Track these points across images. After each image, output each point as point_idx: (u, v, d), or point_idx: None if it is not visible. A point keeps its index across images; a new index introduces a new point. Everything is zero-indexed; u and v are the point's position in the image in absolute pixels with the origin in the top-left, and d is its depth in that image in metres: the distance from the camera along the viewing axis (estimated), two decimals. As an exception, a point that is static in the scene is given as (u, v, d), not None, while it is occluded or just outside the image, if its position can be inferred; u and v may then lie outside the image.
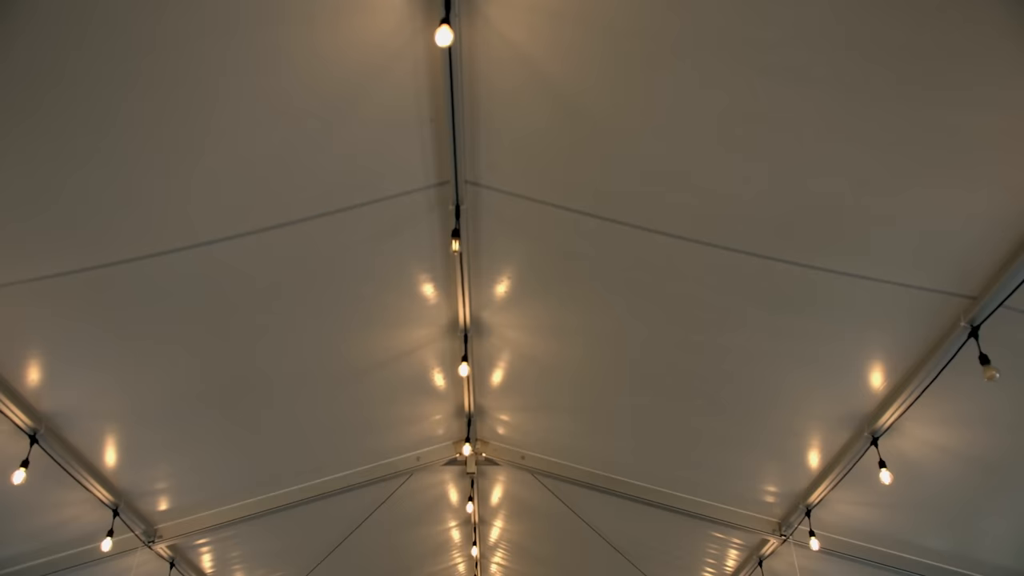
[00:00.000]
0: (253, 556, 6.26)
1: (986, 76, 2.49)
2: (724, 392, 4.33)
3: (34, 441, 3.93)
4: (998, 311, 3.21)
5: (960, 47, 2.43)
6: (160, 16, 2.49)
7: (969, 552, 5.01)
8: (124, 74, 2.62)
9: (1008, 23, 2.31)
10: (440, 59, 2.86)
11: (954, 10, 2.33)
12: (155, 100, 2.73)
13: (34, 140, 2.73)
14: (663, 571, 6.82)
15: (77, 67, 2.55)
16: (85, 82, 2.59)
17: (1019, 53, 2.39)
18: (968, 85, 2.53)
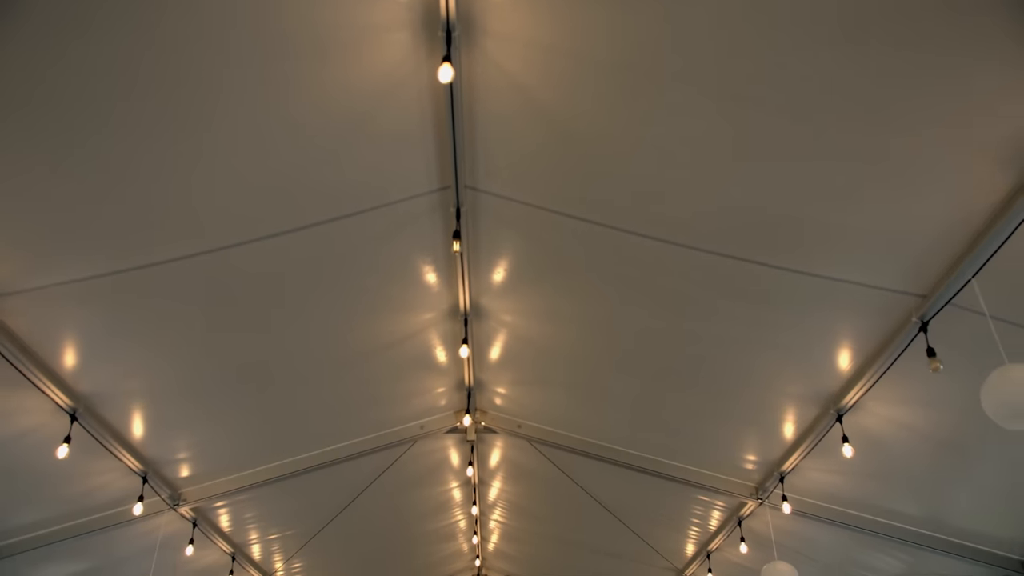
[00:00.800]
0: (267, 516, 6.77)
1: (926, 99, 2.84)
2: (703, 372, 4.76)
3: (74, 419, 4.36)
4: (945, 308, 3.60)
5: (898, 77, 2.77)
6: (186, 53, 2.82)
7: (938, 516, 5.49)
8: (155, 106, 2.96)
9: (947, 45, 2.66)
10: (442, 87, 3.20)
11: (896, 52, 2.67)
12: (187, 135, 3.08)
13: (71, 156, 3.07)
14: (652, 529, 7.36)
15: (106, 83, 2.89)
16: (113, 102, 2.94)
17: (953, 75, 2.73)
18: (909, 111, 2.87)
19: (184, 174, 3.30)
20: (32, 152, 2.98)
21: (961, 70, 2.68)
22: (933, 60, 2.67)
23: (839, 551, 6.32)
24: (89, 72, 2.76)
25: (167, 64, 2.83)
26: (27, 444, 4.53)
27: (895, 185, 3.20)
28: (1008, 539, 5.47)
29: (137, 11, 2.63)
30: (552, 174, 3.61)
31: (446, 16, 2.95)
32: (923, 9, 2.52)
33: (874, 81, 2.80)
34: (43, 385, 4.09)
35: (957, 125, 2.88)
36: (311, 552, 7.71)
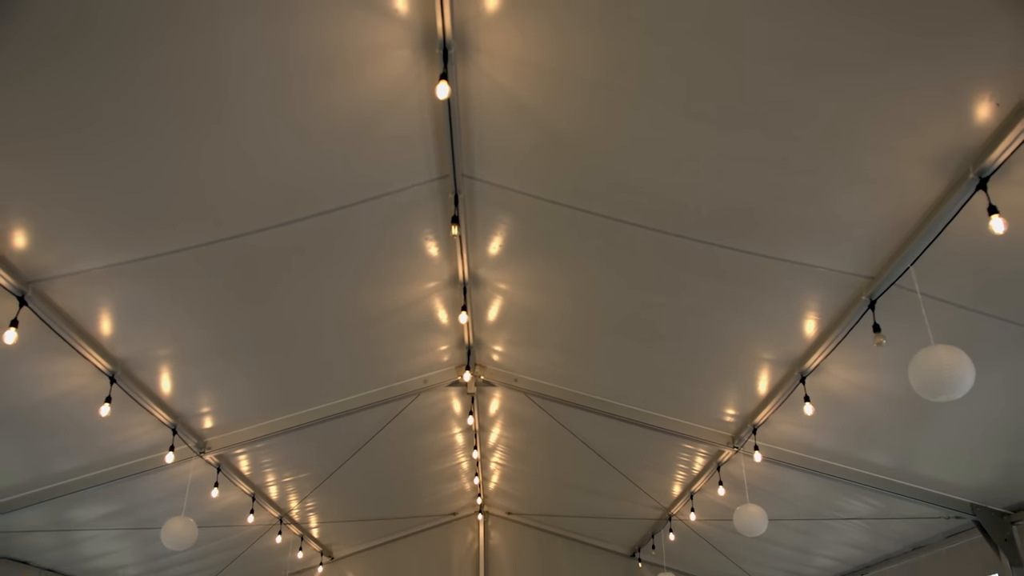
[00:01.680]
0: (283, 462, 7.40)
1: (871, 121, 3.25)
2: (681, 338, 5.27)
3: (113, 380, 4.90)
4: (891, 289, 4.07)
5: (849, 101, 3.18)
6: (209, 79, 3.23)
7: (903, 466, 6.06)
8: (175, 116, 3.39)
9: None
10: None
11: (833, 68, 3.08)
12: (208, 140, 3.51)
13: (106, 159, 3.51)
14: (641, 473, 7.99)
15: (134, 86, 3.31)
16: (146, 108, 3.37)
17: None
18: (858, 129, 3.28)
19: (204, 173, 3.72)
20: (73, 157, 3.41)
21: (897, 97, 3.08)
22: (874, 90, 3.07)
23: (814, 495, 6.94)
24: (109, 78, 3.18)
25: (180, 70, 3.24)
26: (71, 402, 5.09)
27: (847, 186, 3.62)
28: (960, 485, 6.06)
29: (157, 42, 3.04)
30: (542, 169, 4.05)
31: (443, 36, 3.34)
32: (867, 49, 2.91)
33: (828, 103, 3.20)
34: (85, 352, 4.61)
35: (898, 142, 3.29)
36: (323, 492, 8.39)
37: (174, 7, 2.88)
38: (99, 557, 7.93)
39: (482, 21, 3.30)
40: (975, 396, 4.75)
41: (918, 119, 3.17)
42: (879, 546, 7.76)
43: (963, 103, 3.06)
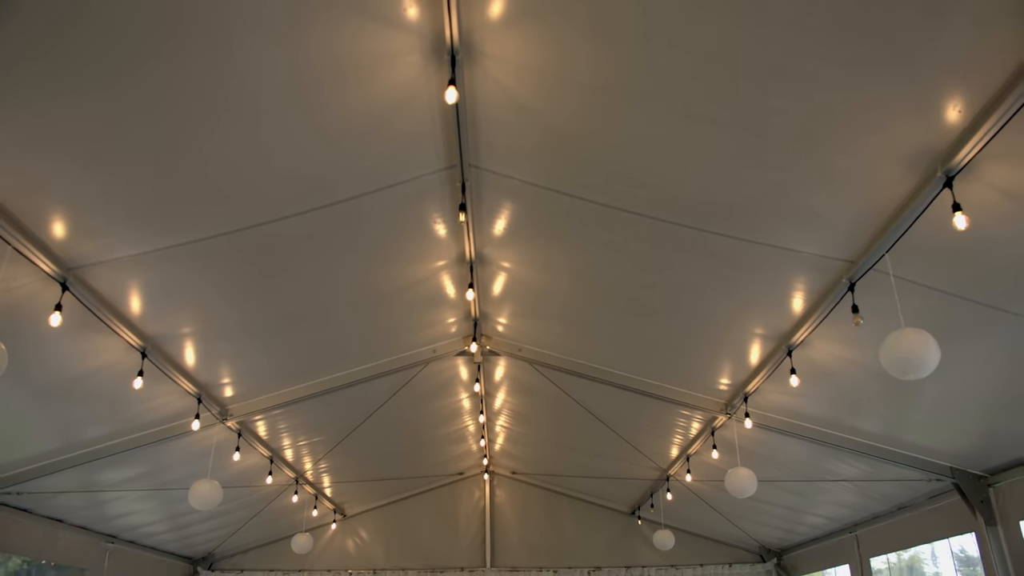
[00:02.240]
0: (299, 427, 7.83)
1: (850, 124, 3.54)
2: (675, 314, 5.63)
3: (144, 355, 5.28)
4: (869, 273, 4.39)
5: (828, 107, 3.47)
6: (233, 85, 3.53)
7: (892, 433, 6.45)
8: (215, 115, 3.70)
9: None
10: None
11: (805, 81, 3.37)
12: (236, 138, 3.82)
13: (141, 154, 3.82)
14: (640, 437, 8.41)
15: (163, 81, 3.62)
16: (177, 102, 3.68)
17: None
18: (837, 131, 3.57)
19: (227, 169, 4.01)
20: (107, 159, 3.72)
21: (870, 106, 3.36)
22: (848, 99, 3.34)
23: (806, 458, 7.36)
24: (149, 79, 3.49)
25: (205, 76, 3.54)
26: (104, 375, 5.48)
27: (826, 181, 3.91)
28: (941, 451, 6.46)
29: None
30: (544, 162, 4.35)
31: (451, 43, 3.62)
32: (842, 63, 3.19)
33: (806, 110, 3.48)
34: (119, 330, 4.98)
35: (872, 144, 3.58)
36: (336, 455, 8.85)
37: (201, 23, 3.16)
38: (126, 516, 8.43)
39: (487, 30, 3.58)
40: (954, 371, 5.15)
41: (889, 124, 3.46)
42: (867, 506, 8.21)
43: (931, 110, 3.34)
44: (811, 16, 3.04)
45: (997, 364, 5.08)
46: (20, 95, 3.24)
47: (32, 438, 6.21)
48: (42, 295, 4.38)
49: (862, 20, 3.01)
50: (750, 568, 10.96)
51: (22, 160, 3.60)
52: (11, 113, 3.33)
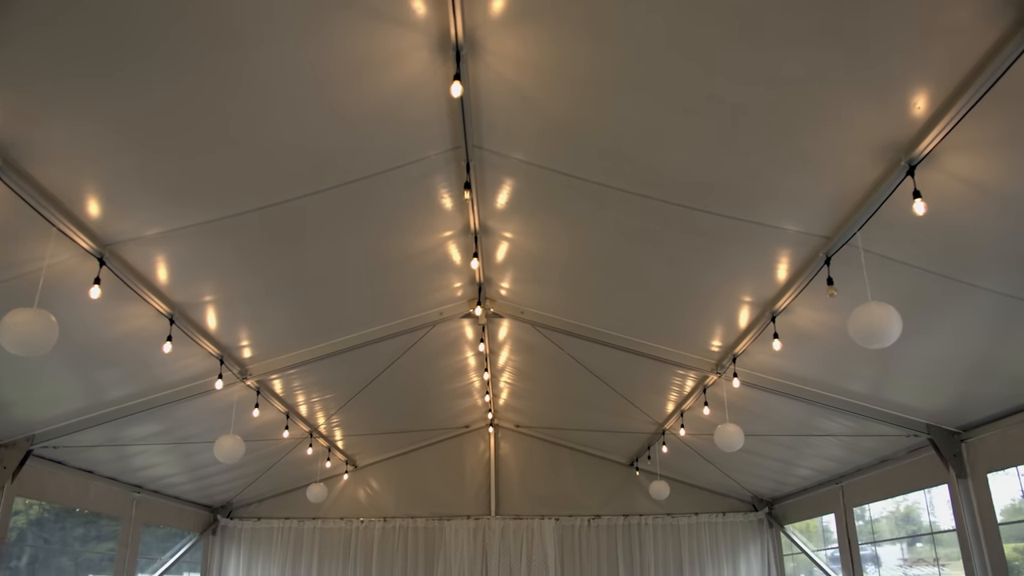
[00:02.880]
0: (313, 384, 8.32)
1: (820, 118, 3.89)
2: (666, 282, 6.05)
3: (172, 321, 5.72)
4: (845, 248, 4.77)
5: (800, 103, 3.82)
6: (255, 79, 3.89)
7: (875, 392, 6.89)
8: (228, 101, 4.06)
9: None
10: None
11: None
12: (257, 126, 4.18)
13: (172, 137, 4.19)
14: (637, 394, 8.88)
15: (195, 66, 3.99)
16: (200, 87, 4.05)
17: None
18: (810, 122, 3.92)
19: (248, 151, 4.37)
20: (143, 142, 4.10)
21: (840, 101, 3.71)
22: (819, 95, 3.68)
23: (795, 415, 7.83)
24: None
25: (227, 69, 3.89)
26: (135, 340, 5.94)
27: (800, 167, 4.28)
28: (919, 409, 6.92)
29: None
30: (542, 145, 4.71)
31: (455, 40, 3.96)
32: (817, 64, 3.53)
33: (782, 105, 3.83)
34: (149, 299, 5.41)
35: (841, 135, 3.93)
36: (348, 410, 9.36)
37: (225, 26, 3.51)
38: (151, 468, 9.01)
39: (489, 28, 3.90)
40: (930, 337, 5.59)
41: (857, 118, 3.81)
42: (852, 459, 8.72)
43: (895, 105, 3.69)
44: (786, 21, 3.37)
45: (968, 332, 5.48)
46: (69, 92, 3.61)
47: (66, 397, 6.71)
48: (80, 269, 4.81)
49: (836, 25, 3.34)
50: (743, 517, 11.56)
51: (67, 151, 3.98)
52: (59, 109, 3.70)
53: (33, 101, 3.63)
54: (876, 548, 13.26)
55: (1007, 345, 5.53)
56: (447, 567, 11.36)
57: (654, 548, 11.43)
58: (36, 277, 4.60)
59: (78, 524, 9.26)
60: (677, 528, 11.53)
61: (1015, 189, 3.97)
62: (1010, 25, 3.10)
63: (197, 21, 3.43)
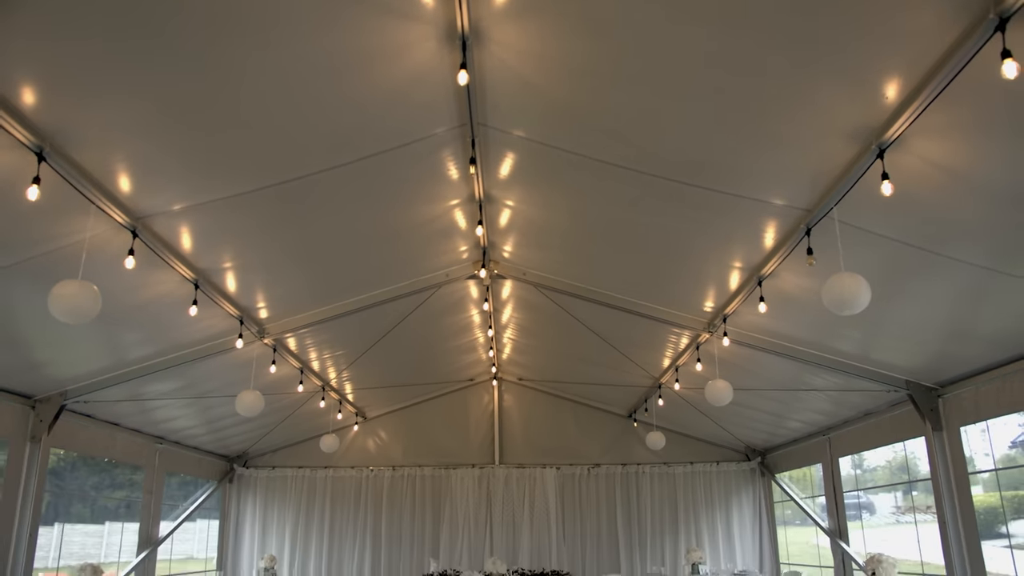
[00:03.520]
0: (325, 342, 8.80)
1: (801, 104, 4.24)
2: (660, 248, 6.47)
3: (197, 286, 6.16)
4: (824, 220, 5.15)
5: (785, 90, 4.17)
6: (278, 68, 4.24)
7: (860, 351, 7.33)
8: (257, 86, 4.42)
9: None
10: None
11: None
12: (278, 109, 4.55)
13: (201, 115, 4.56)
14: (634, 350, 9.35)
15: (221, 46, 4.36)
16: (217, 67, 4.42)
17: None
18: (791, 106, 4.28)
19: (268, 132, 4.75)
20: (172, 124, 4.47)
21: (816, 89, 4.06)
22: (798, 85, 4.03)
23: (786, 372, 8.30)
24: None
25: (247, 59, 4.25)
26: (160, 304, 6.40)
27: (781, 148, 4.66)
28: (900, 366, 7.37)
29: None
30: (543, 124, 5.08)
31: (462, 30, 4.29)
32: (794, 59, 3.87)
33: (763, 93, 4.18)
34: (175, 265, 5.83)
35: (818, 120, 4.30)
36: (358, 365, 9.87)
37: (250, 23, 3.85)
38: (172, 420, 9.55)
39: (493, 19, 4.23)
40: (909, 302, 6.02)
41: (833, 105, 4.17)
42: (839, 413, 9.23)
43: (867, 95, 4.04)
44: (770, 18, 3.70)
45: (945, 299, 5.89)
46: (106, 84, 3.98)
47: (95, 357, 7.19)
48: (115, 241, 5.22)
49: (814, 24, 3.67)
50: (736, 466, 12.15)
51: (104, 137, 4.38)
52: (97, 100, 4.08)
53: (75, 94, 4.01)
54: (870, 497, 14.00)
55: (980, 311, 5.96)
56: (453, 513, 12.02)
57: (651, 496, 12.05)
58: (77, 248, 5.02)
59: (91, 473, 9.82)
60: (673, 477, 12.14)
61: (978, 172, 4.34)
62: (965, 28, 3.44)
63: (227, 19, 3.78)
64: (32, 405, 7.42)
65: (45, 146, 4.17)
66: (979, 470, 7.44)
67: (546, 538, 11.89)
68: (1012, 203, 4.52)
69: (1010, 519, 17.34)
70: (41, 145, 4.15)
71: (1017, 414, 6.85)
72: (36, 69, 3.80)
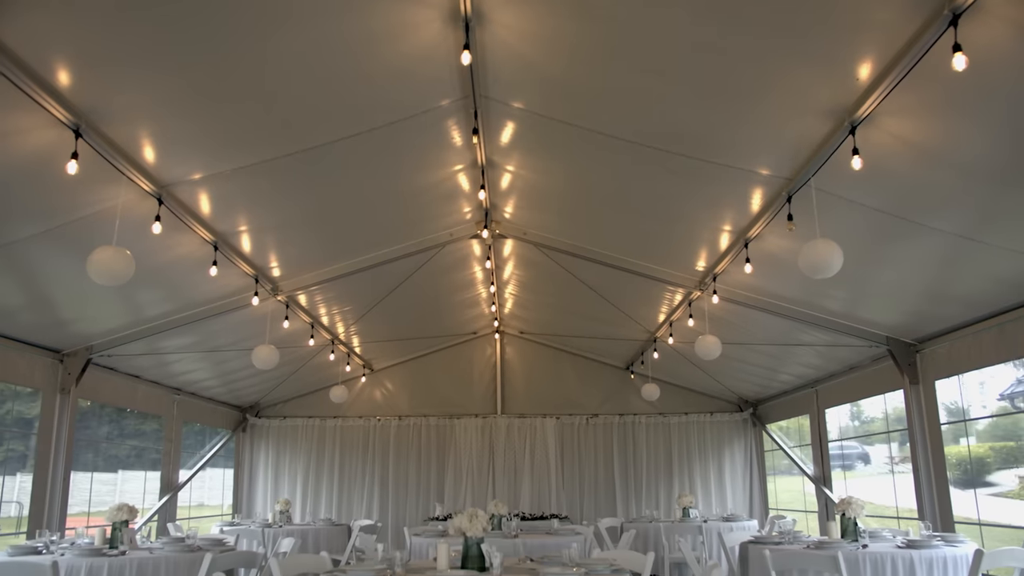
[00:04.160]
0: (335, 298, 9.26)
1: (783, 85, 4.60)
2: (652, 212, 6.84)
3: (216, 247, 6.58)
4: (803, 187, 5.53)
5: (764, 72, 4.53)
6: (295, 55, 4.59)
7: (856, 312, 7.77)
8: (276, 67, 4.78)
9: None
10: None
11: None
12: (295, 84, 4.91)
13: (226, 91, 4.94)
14: (630, 306, 9.80)
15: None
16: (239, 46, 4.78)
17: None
18: (772, 87, 4.64)
19: (288, 107, 5.14)
20: (196, 101, 4.84)
21: (793, 72, 4.42)
22: (776, 68, 4.37)
23: (778, 328, 8.73)
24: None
25: (266, 46, 4.61)
26: (180, 265, 6.84)
27: (764, 123, 5.02)
28: (882, 323, 7.82)
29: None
30: (541, 97, 5.45)
31: (465, 13, 4.63)
32: (772, 47, 4.22)
33: (743, 74, 4.53)
34: (196, 228, 6.24)
35: (796, 99, 4.65)
36: (366, 320, 10.35)
37: (269, 7, 4.21)
38: (188, 373, 10.07)
39: (494, 2, 4.58)
40: (890, 266, 6.47)
41: (810, 86, 4.52)
42: (826, 366, 9.71)
43: (840, 77, 4.39)
44: (747, 10, 4.04)
45: (922, 262, 6.29)
46: (135, 64, 4.35)
47: (119, 314, 7.65)
48: (141, 206, 5.62)
49: (790, 14, 4.01)
50: (729, 416, 12.70)
51: (133, 113, 4.76)
52: (127, 80, 4.45)
53: (107, 76, 4.39)
54: (867, 448, 14.63)
55: (955, 274, 6.38)
56: (457, 460, 12.63)
57: (646, 444, 12.64)
58: (106, 215, 5.45)
59: (103, 423, 10.37)
60: (668, 426, 12.71)
61: (946, 148, 4.71)
62: (925, 20, 3.79)
63: (252, 4, 4.13)
64: (60, 359, 7.91)
65: (81, 123, 4.56)
66: (951, 421, 7.92)
67: (546, 484, 12.51)
68: (980, 178, 4.90)
69: (997, 469, 18.04)
70: (78, 123, 4.54)
71: (1002, 366, 7.31)
72: (72, 52, 4.16)
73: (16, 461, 9.51)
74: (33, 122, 4.48)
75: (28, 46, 4.00)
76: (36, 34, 3.94)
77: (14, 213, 5.41)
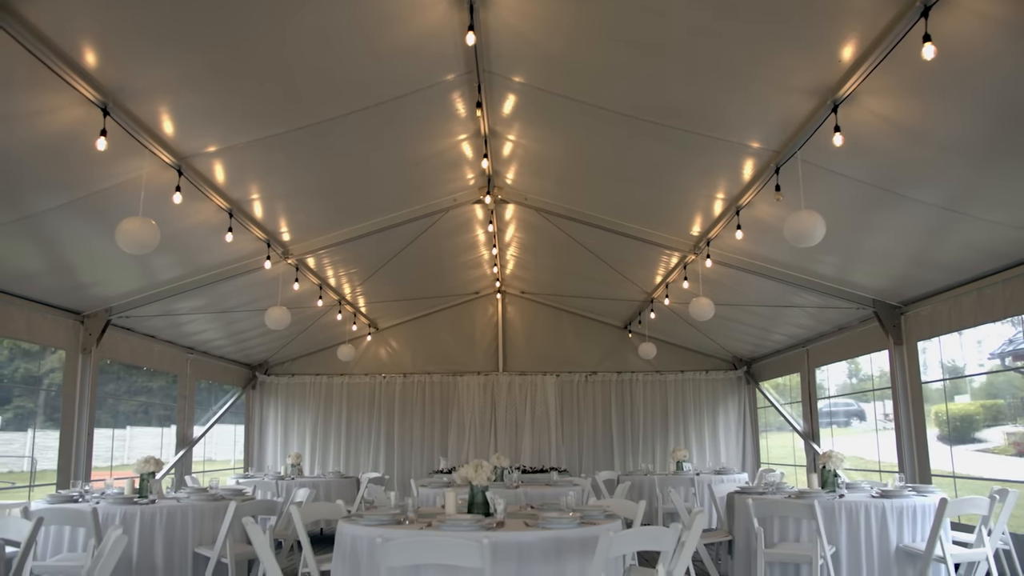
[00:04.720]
0: (343, 260, 9.62)
1: (768, 64, 4.89)
2: (647, 179, 7.17)
3: (231, 215, 6.91)
4: (790, 160, 5.84)
5: (752, 54, 4.81)
6: (310, 37, 4.88)
7: (845, 275, 8.13)
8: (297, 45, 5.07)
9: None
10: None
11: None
12: (308, 64, 5.19)
13: (245, 71, 5.23)
14: (628, 268, 10.14)
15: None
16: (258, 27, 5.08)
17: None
18: (762, 69, 4.92)
19: (302, 83, 5.43)
20: (214, 79, 5.14)
21: (779, 54, 4.70)
22: (764, 51, 4.66)
23: (772, 291, 9.10)
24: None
25: (284, 31, 4.89)
26: (196, 231, 7.17)
27: (753, 101, 5.32)
28: (869, 287, 8.19)
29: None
30: (541, 72, 5.73)
31: (469, -4, 4.91)
32: (761, 32, 4.50)
33: (734, 54, 4.82)
34: (212, 196, 6.57)
35: (782, 78, 4.94)
36: (372, 281, 10.71)
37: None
38: (200, 333, 10.48)
39: (497, -14, 4.86)
40: (876, 234, 6.83)
41: (795, 65, 4.81)
42: (817, 327, 10.11)
43: (823, 59, 4.68)
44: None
45: (907, 231, 6.65)
46: (158, 46, 4.64)
47: (136, 277, 8.02)
48: (161, 177, 5.95)
49: (773, 4, 4.31)
50: (723, 374, 13.14)
51: (156, 92, 5.05)
52: (149, 60, 4.74)
53: (132, 55, 4.68)
54: (862, 405, 15.07)
55: (937, 242, 6.73)
56: (460, 416, 13.12)
57: (643, 401, 13.11)
58: (128, 186, 5.79)
59: (110, 380, 10.77)
60: (664, 384, 13.16)
61: (925, 126, 5.02)
62: (899, 10, 4.07)
63: None
64: (81, 320, 8.30)
65: (108, 102, 4.86)
66: (932, 379, 8.32)
67: (546, 439, 13.01)
68: (959, 154, 5.23)
69: (986, 426, 18.53)
70: (105, 101, 4.84)
71: (999, 324, 7.70)
72: (99, 34, 4.45)
73: (26, 417, 9.97)
74: (62, 101, 4.78)
75: (57, 29, 4.29)
76: (64, 17, 4.23)
77: (40, 185, 5.73)
